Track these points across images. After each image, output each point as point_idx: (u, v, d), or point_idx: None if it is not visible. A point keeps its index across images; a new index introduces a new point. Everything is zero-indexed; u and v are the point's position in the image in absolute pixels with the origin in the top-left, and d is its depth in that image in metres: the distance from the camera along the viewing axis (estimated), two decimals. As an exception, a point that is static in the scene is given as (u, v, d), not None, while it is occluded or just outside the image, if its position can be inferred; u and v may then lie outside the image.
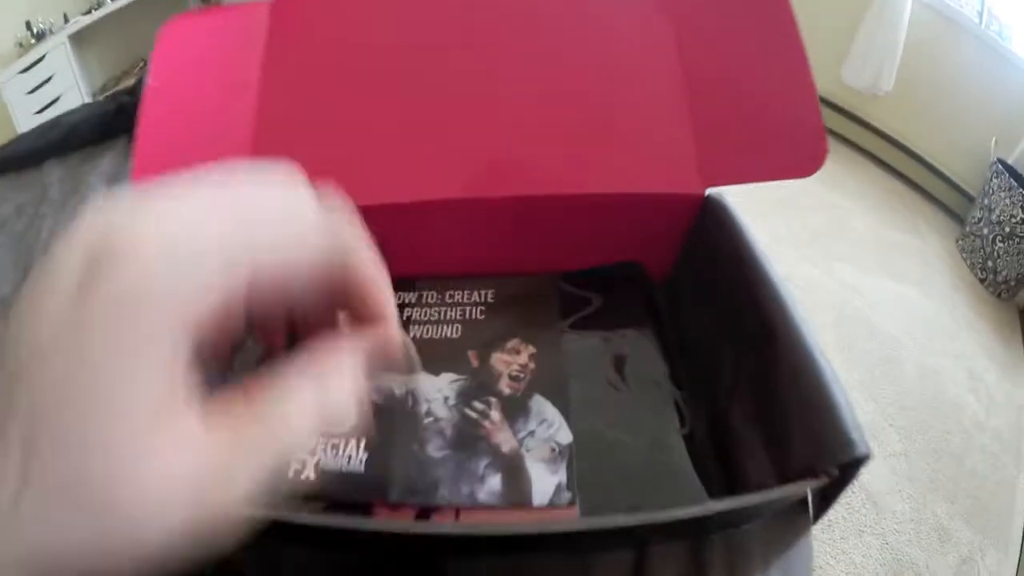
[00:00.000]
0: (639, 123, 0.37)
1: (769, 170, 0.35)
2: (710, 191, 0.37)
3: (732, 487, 0.31)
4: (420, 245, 0.41)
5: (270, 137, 0.40)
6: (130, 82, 1.93)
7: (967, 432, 1.19)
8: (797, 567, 0.28)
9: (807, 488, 0.25)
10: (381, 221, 0.38)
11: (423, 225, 0.39)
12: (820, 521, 0.28)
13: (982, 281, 1.59)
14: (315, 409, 0.16)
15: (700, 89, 0.36)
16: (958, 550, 1.01)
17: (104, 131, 0.87)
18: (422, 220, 0.39)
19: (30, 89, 1.89)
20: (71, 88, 1.94)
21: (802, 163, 0.34)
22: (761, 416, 0.30)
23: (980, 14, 1.81)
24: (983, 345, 1.40)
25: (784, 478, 0.27)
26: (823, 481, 0.25)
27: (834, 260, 1.56)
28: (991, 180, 1.59)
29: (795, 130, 0.35)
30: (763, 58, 0.35)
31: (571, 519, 0.28)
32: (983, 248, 1.59)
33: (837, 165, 1.98)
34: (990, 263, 1.56)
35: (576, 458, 0.31)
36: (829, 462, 0.25)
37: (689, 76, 0.37)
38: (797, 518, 0.28)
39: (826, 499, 0.27)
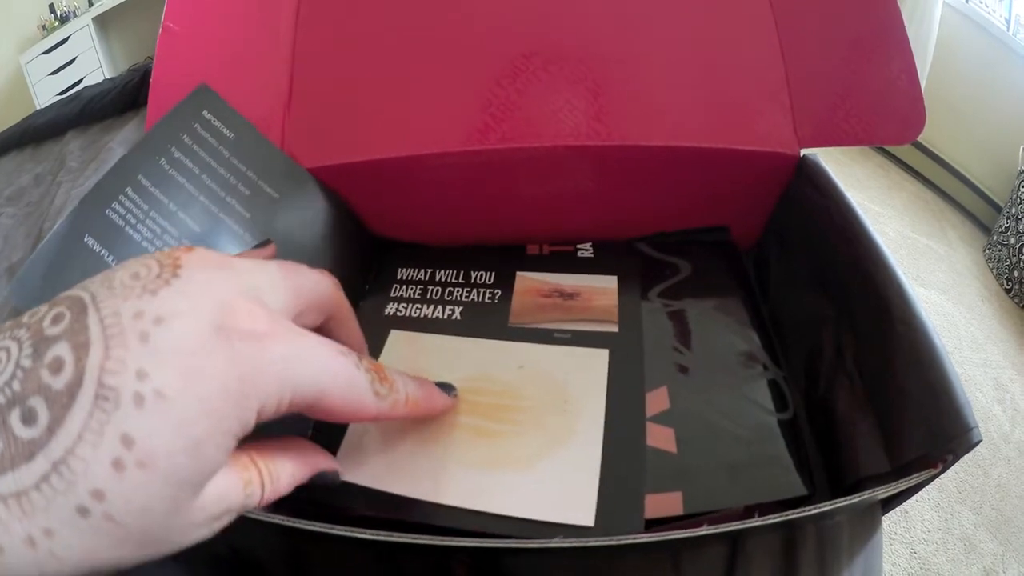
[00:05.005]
0: (728, 75, 0.35)
1: (866, 134, 0.33)
2: (805, 152, 0.34)
3: (836, 476, 0.29)
4: (484, 200, 0.39)
5: (308, 88, 0.38)
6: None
7: (994, 443, 1.17)
8: (875, 562, 0.27)
9: (927, 477, 0.23)
10: (437, 172, 0.37)
11: (489, 177, 0.37)
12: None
13: (1008, 291, 1.56)
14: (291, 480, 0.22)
15: (794, 45, 0.34)
16: (982, 561, 0.99)
17: (127, 102, 0.86)
18: (487, 171, 0.37)
19: (53, 70, 1.89)
20: (95, 71, 1.94)
21: (900, 129, 0.32)
22: (873, 401, 0.28)
23: (1008, 21, 1.78)
24: (1009, 357, 1.38)
25: (898, 467, 0.25)
26: (939, 470, 0.23)
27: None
28: (1018, 189, 1.56)
29: (892, 95, 0.33)
30: (858, 17, 0.34)
31: (656, 532, 0.26)
32: (1009, 258, 1.56)
33: (864, 168, 1.96)
34: (1016, 273, 1.53)
35: (679, 445, 0.29)
36: (945, 450, 0.23)
37: (782, 31, 0.35)
38: (875, 510, 0.27)
39: (910, 490, 0.25)
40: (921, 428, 0.24)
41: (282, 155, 0.36)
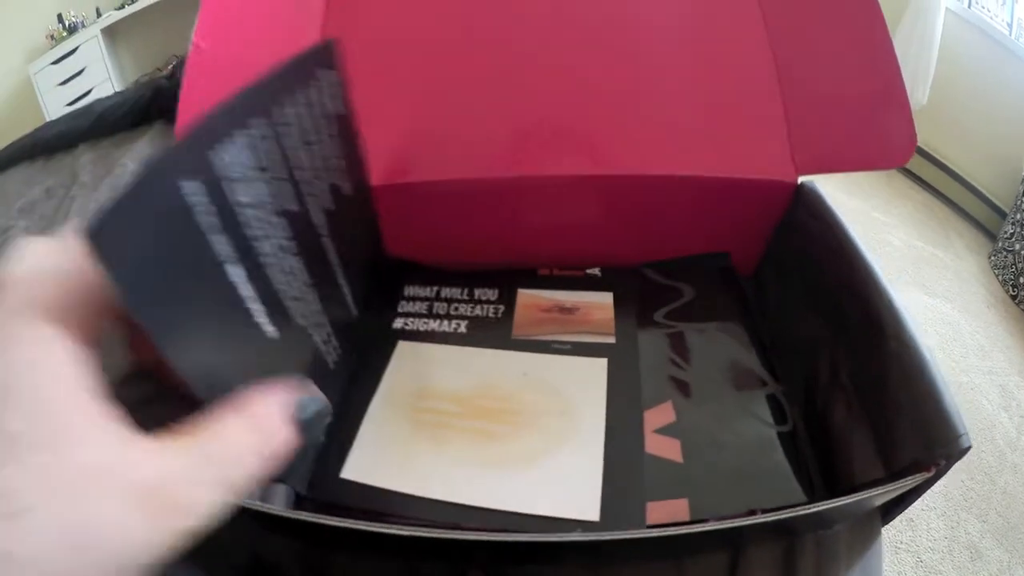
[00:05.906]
0: (729, 106, 0.36)
1: (860, 160, 0.34)
2: (803, 179, 0.36)
3: (833, 485, 0.30)
4: (495, 226, 0.40)
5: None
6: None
7: (1000, 450, 1.17)
8: (874, 572, 0.28)
9: (922, 480, 0.24)
10: (450, 199, 0.38)
11: (499, 204, 0.38)
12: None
13: (1013, 298, 1.56)
14: (253, 444, 0.17)
15: (790, 76, 0.36)
16: (988, 569, 0.99)
17: (139, 116, 0.87)
18: (498, 198, 0.38)
19: (62, 80, 1.91)
20: (104, 82, 1.96)
21: (892, 153, 0.34)
22: (867, 413, 0.29)
23: (1010, 26, 1.78)
24: (1015, 364, 1.37)
25: (892, 474, 0.26)
26: (933, 474, 0.24)
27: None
28: (1023, 195, 1.56)
29: (885, 120, 0.34)
30: (850, 47, 0.35)
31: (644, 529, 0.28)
32: (1015, 264, 1.55)
33: (869, 177, 1.95)
34: (1022, 280, 1.53)
35: (685, 456, 0.31)
36: (937, 455, 0.24)
37: (779, 63, 0.36)
38: (874, 520, 0.28)
39: (909, 496, 0.26)
40: (913, 436, 0.26)
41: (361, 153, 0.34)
